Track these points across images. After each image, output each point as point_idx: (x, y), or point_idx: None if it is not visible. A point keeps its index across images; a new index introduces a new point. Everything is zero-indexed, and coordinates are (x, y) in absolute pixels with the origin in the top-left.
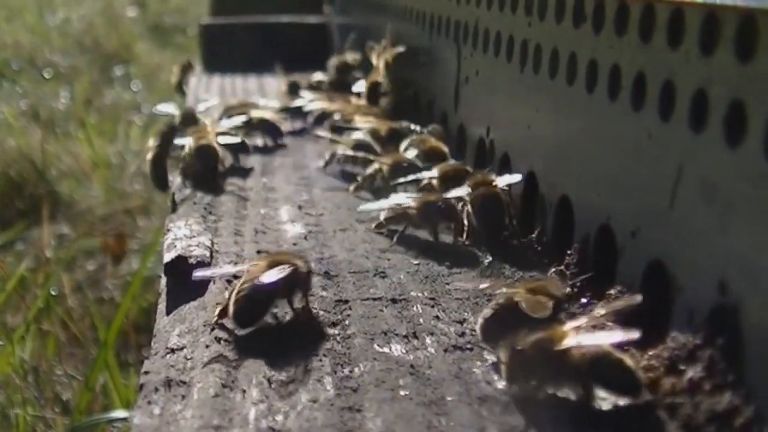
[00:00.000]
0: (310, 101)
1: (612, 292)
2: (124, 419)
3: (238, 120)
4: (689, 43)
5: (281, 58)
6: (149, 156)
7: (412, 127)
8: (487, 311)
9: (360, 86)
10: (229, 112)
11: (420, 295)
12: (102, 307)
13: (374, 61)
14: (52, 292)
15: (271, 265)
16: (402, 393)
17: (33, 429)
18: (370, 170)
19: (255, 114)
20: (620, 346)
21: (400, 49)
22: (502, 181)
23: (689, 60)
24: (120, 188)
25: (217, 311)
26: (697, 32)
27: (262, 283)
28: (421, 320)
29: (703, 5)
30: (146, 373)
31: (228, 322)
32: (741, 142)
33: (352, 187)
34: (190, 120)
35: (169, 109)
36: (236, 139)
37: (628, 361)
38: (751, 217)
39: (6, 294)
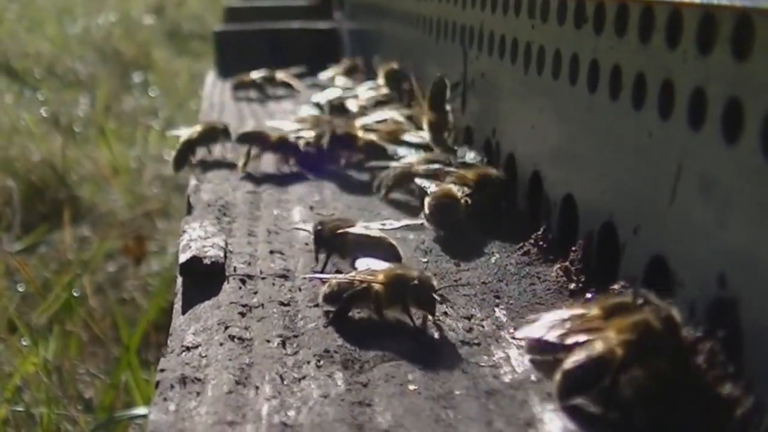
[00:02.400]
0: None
1: (615, 287)
2: (145, 416)
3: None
4: (687, 43)
5: (292, 62)
6: (186, 137)
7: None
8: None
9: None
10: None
11: None
12: (123, 308)
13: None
14: (75, 294)
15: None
16: (411, 387)
17: (57, 427)
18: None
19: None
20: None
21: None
22: None
23: (687, 60)
24: (139, 192)
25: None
26: (694, 32)
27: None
28: (429, 316)
29: (700, 5)
30: (162, 370)
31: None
32: (738, 139)
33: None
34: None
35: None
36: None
37: None
38: (748, 211)
39: (53, 298)
